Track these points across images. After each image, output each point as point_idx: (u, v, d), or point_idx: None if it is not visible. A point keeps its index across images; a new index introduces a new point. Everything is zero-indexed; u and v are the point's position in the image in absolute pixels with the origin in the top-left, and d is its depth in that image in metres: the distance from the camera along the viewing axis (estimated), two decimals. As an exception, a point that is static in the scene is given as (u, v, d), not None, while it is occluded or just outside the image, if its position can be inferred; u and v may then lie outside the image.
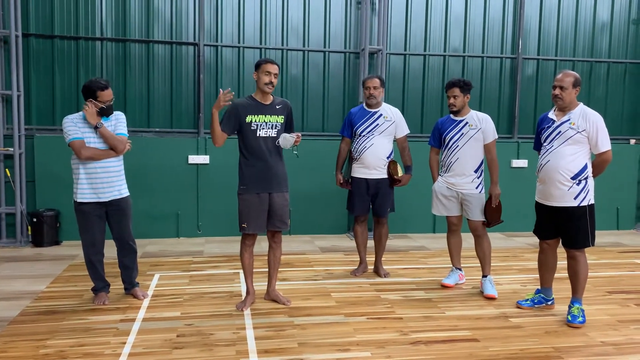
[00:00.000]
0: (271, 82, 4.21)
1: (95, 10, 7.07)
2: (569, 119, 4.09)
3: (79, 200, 4.31)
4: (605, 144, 4.05)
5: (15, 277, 5.32)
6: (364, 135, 5.16)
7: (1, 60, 6.77)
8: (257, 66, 4.26)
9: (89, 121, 4.25)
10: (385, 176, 5.19)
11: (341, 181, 5.33)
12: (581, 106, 4.13)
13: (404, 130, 5.29)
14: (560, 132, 4.10)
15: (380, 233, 5.37)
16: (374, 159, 5.14)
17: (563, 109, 4.14)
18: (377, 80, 5.16)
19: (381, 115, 5.17)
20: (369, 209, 5.32)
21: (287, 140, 4.20)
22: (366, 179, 5.19)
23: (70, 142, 4.22)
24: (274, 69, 4.22)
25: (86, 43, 7.09)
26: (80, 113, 4.35)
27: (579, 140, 4.05)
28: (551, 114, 4.23)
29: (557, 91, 4.09)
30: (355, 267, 5.53)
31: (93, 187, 4.29)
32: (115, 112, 4.46)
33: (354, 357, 3.56)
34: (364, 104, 5.27)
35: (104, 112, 4.29)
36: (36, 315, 4.22)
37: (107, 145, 4.32)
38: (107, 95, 4.28)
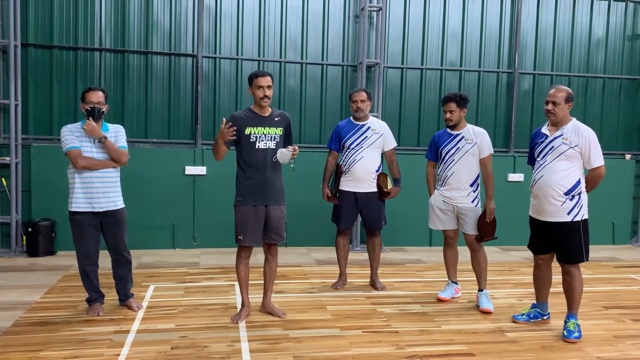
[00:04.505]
0: (266, 96, 4.21)
1: (95, 21, 7.10)
2: (561, 134, 4.11)
3: (73, 210, 4.30)
4: (598, 159, 4.07)
5: (9, 287, 5.28)
6: (353, 148, 5.17)
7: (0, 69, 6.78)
8: (250, 81, 4.25)
9: (94, 135, 4.25)
10: (374, 190, 5.20)
11: (328, 195, 5.32)
12: (574, 121, 4.15)
13: (391, 143, 5.31)
14: (553, 147, 4.13)
15: (373, 243, 5.36)
16: (363, 172, 5.14)
17: (556, 124, 4.17)
18: (364, 94, 5.18)
19: (369, 127, 5.19)
20: (354, 223, 5.33)
21: (284, 155, 4.19)
22: (355, 193, 5.19)
23: (67, 151, 4.23)
24: (265, 81, 4.19)
25: (85, 53, 7.11)
26: (79, 123, 4.37)
27: (572, 155, 4.07)
28: (544, 129, 4.25)
29: (550, 106, 4.12)
30: (336, 281, 5.51)
31: (88, 196, 4.28)
32: (115, 125, 4.49)
33: (349, 371, 3.54)
34: (351, 117, 5.29)
35: (91, 114, 4.28)
36: (30, 326, 4.19)
37: (110, 157, 4.33)
38: (94, 96, 4.28)
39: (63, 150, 4.26)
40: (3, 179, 6.77)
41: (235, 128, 4.08)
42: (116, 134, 4.42)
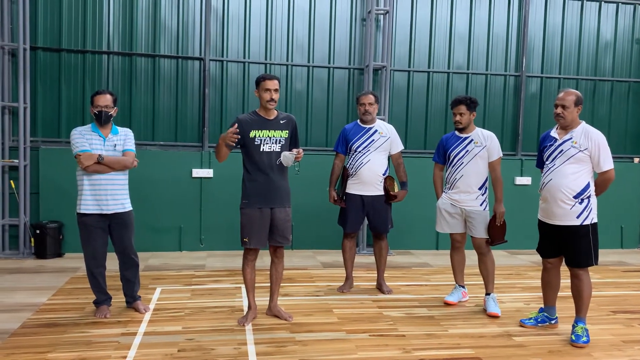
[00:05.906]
0: (272, 99, 4.21)
1: (103, 24, 7.15)
2: (571, 138, 4.09)
3: (81, 212, 4.32)
4: (607, 163, 4.04)
5: (17, 289, 5.31)
6: (360, 152, 5.16)
7: (9, 72, 6.83)
8: (257, 84, 4.26)
9: (89, 163, 4.22)
10: (381, 193, 5.19)
11: (335, 198, 5.31)
12: (583, 125, 4.13)
13: (398, 146, 5.30)
14: (562, 150, 4.11)
15: (380, 247, 5.36)
16: (370, 175, 5.13)
17: (565, 128, 4.15)
18: (372, 97, 5.18)
19: (376, 131, 5.19)
20: (361, 226, 5.32)
21: (287, 158, 4.20)
22: (361, 196, 5.18)
23: (77, 154, 4.25)
24: (273, 84, 4.20)
25: (93, 56, 7.15)
26: (89, 125, 4.41)
27: (581, 158, 4.04)
28: (553, 132, 4.23)
29: (559, 110, 4.10)
30: (342, 284, 5.50)
31: (96, 198, 4.30)
32: (124, 129, 4.52)
33: (355, 374, 3.53)
34: (358, 120, 5.29)
35: (98, 118, 4.31)
36: (37, 327, 4.21)
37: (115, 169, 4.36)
38: (101, 100, 4.30)
39: (73, 152, 4.28)
40: (11, 181, 6.81)
41: (238, 131, 4.08)
42: (124, 137, 4.45)
